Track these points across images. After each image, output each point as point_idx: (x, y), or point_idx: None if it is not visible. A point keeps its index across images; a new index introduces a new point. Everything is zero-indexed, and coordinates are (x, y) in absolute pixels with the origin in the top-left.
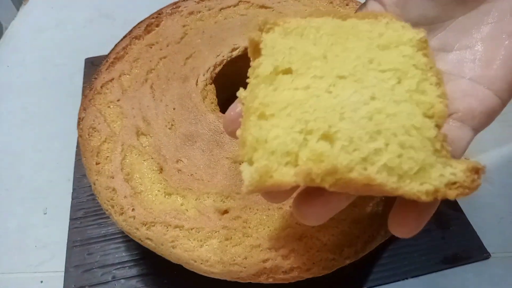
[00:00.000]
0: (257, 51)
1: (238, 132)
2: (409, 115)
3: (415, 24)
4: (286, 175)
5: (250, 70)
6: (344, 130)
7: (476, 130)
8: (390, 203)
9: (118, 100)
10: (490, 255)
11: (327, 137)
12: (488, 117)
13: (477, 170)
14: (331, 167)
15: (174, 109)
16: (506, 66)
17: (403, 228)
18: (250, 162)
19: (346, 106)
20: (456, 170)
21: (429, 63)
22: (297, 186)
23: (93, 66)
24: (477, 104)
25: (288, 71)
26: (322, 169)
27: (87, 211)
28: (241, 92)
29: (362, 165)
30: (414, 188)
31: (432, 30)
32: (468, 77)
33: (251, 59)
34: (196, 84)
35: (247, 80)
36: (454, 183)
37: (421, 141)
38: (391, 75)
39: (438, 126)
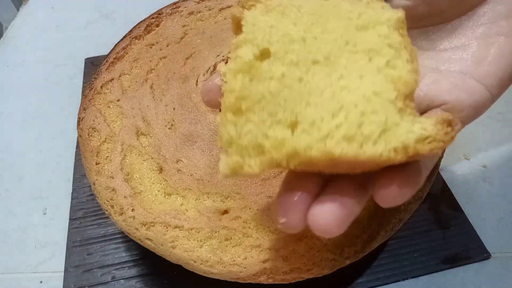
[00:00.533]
0: (239, 28)
1: (218, 118)
2: (371, 84)
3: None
4: (254, 166)
5: (232, 47)
6: (308, 115)
7: (464, 122)
8: None
9: (118, 100)
10: (490, 255)
11: (292, 125)
12: (476, 111)
13: (449, 122)
14: (291, 150)
15: (174, 109)
16: (497, 63)
17: (387, 195)
18: (226, 153)
19: (313, 92)
20: (426, 125)
21: (403, 42)
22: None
23: (93, 66)
24: (466, 96)
25: (266, 54)
26: (283, 153)
27: (87, 211)
28: (221, 67)
29: (322, 143)
30: (379, 149)
31: (425, 32)
32: (459, 71)
33: (234, 35)
34: (196, 84)
35: (228, 55)
36: (426, 137)
37: (381, 104)
38: (364, 55)
39: (405, 95)
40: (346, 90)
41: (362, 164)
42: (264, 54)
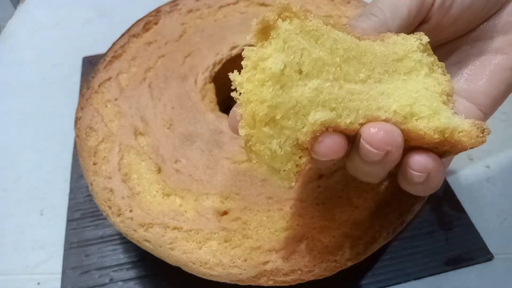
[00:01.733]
0: (265, 34)
1: (244, 132)
2: (417, 83)
3: None
4: (303, 160)
5: (250, 53)
6: (352, 106)
7: None
8: (391, 203)
9: (115, 100)
10: (493, 256)
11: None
12: None
13: (482, 129)
14: (334, 124)
15: (172, 108)
16: (491, 81)
17: (419, 161)
18: (274, 171)
19: (355, 92)
20: (464, 122)
21: (435, 60)
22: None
23: (91, 65)
24: None
25: (297, 72)
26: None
27: (84, 212)
28: (235, 77)
29: (372, 112)
30: (421, 124)
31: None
32: None
33: (253, 39)
34: (195, 83)
35: (242, 63)
36: (462, 131)
37: (430, 95)
38: (403, 75)
39: (446, 98)
40: (397, 91)
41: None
42: (294, 70)
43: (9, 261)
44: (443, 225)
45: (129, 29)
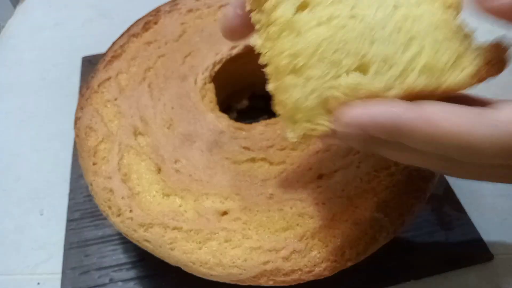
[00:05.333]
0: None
1: (271, 87)
2: (431, 12)
3: None
4: (326, 123)
5: (257, 16)
6: (377, 52)
7: None
8: (391, 203)
9: (115, 99)
10: (493, 256)
11: (362, 68)
12: None
13: (501, 45)
14: (369, 93)
15: (172, 108)
16: None
17: None
18: (293, 121)
19: (374, 27)
20: (486, 47)
21: None
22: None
23: (90, 64)
24: None
25: (304, 6)
26: (359, 97)
27: (84, 212)
28: (255, 40)
29: (401, 79)
30: (457, 77)
31: None
32: None
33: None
34: (195, 83)
35: (256, 27)
36: (489, 61)
37: (451, 31)
38: None
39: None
40: (410, 19)
41: (436, 94)
42: (301, 7)
43: (9, 261)
44: (443, 225)
45: (128, 29)
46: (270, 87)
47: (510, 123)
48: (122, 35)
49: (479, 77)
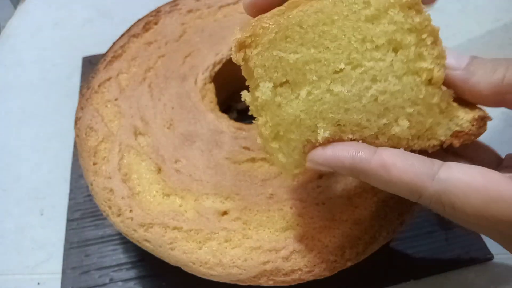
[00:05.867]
0: (248, 71)
1: (258, 140)
2: (412, 87)
3: None
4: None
5: (245, 96)
6: (351, 120)
7: None
8: (391, 203)
9: (115, 99)
10: (493, 256)
11: (336, 127)
12: None
13: (483, 119)
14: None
15: (172, 108)
16: None
17: None
18: (283, 169)
19: (349, 99)
20: (463, 121)
21: (423, 21)
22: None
23: (91, 64)
24: None
25: (286, 83)
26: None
27: (84, 212)
28: (246, 96)
29: (371, 138)
30: (422, 144)
31: None
32: None
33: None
34: (195, 83)
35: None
36: (460, 131)
37: (427, 107)
38: (387, 49)
39: (439, 87)
40: (387, 93)
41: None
42: (282, 83)
43: (9, 261)
44: (443, 225)
45: (129, 29)
46: (258, 141)
47: (447, 180)
48: (123, 35)
49: (443, 145)
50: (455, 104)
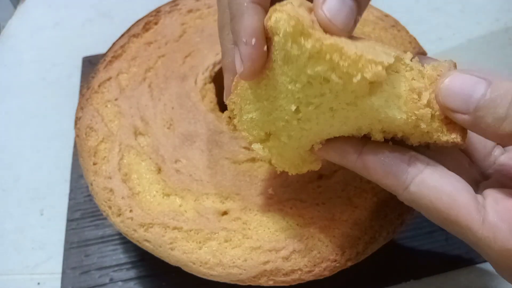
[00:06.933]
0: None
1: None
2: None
3: None
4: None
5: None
6: (339, 133)
7: None
8: (391, 203)
9: (115, 99)
10: None
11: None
12: None
13: (456, 145)
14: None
15: (172, 108)
16: None
17: None
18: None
19: (323, 128)
20: (439, 139)
21: (314, 45)
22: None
23: (91, 64)
24: None
25: (270, 135)
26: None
27: (84, 212)
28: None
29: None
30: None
31: None
32: None
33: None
34: (195, 83)
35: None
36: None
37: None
38: (319, 82)
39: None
40: (353, 117)
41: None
42: (268, 135)
43: (9, 261)
44: None
45: (129, 29)
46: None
47: (416, 193)
48: (123, 35)
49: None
50: (436, 125)
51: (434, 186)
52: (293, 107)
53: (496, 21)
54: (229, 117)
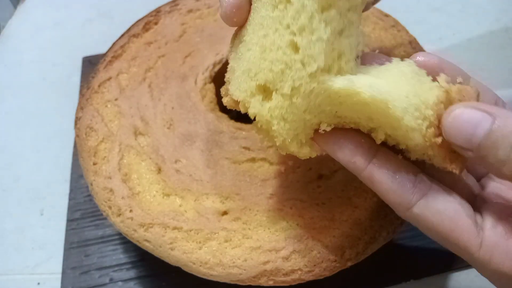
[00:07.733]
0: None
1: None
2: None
3: None
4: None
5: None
6: (346, 115)
7: None
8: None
9: (115, 99)
10: None
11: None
12: None
13: (452, 170)
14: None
15: (172, 108)
16: None
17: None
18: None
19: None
20: (437, 163)
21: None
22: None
23: (91, 64)
24: None
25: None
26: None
27: (84, 212)
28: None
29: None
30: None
31: None
32: None
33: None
34: (195, 83)
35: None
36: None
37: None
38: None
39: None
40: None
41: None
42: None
43: (9, 261)
44: None
45: (129, 29)
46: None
47: (419, 215)
48: (123, 35)
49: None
50: (442, 152)
51: (437, 210)
52: (287, 34)
53: (496, 21)
54: (223, 92)
